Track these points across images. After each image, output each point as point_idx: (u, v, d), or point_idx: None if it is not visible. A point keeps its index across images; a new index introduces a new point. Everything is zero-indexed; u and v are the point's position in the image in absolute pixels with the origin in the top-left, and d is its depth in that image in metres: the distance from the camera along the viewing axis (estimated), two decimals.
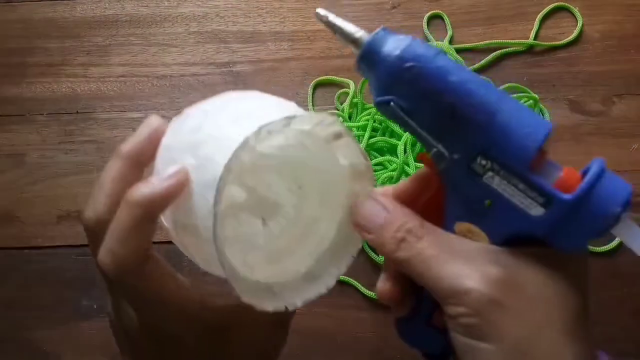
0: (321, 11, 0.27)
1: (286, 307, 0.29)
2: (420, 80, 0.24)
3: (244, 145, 0.24)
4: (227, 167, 0.24)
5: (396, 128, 0.49)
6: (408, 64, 0.24)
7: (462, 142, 0.24)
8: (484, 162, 0.24)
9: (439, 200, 0.27)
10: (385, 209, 0.26)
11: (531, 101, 0.49)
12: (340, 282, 0.46)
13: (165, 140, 0.27)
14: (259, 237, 0.32)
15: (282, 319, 0.31)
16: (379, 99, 0.25)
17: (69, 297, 0.47)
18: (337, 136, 0.28)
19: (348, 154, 0.29)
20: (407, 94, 0.25)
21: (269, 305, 0.28)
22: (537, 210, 0.24)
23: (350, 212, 0.28)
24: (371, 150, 0.48)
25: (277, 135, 0.27)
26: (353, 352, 0.45)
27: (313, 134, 0.28)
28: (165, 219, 0.27)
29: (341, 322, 0.45)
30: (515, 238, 0.25)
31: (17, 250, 0.49)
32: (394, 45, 0.25)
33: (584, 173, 0.24)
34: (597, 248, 0.46)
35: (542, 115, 0.51)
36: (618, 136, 0.50)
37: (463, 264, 0.24)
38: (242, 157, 0.24)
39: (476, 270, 0.23)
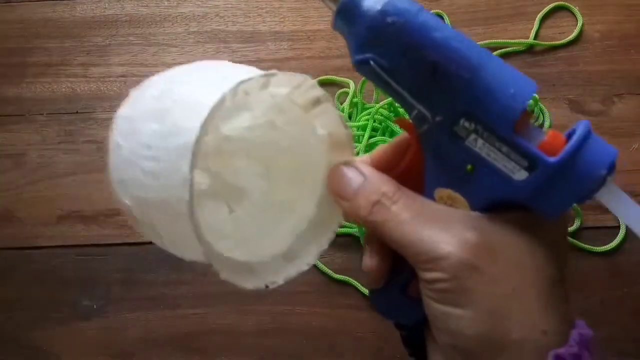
0: None
1: (266, 286, 0.28)
2: (403, 36, 0.23)
3: (221, 103, 0.22)
4: (204, 128, 0.22)
5: (396, 128, 0.49)
6: (390, 19, 0.23)
7: (445, 102, 0.24)
8: (467, 124, 0.23)
9: (419, 167, 0.26)
10: (361, 175, 0.26)
11: (531, 101, 0.49)
12: (340, 282, 0.46)
13: (123, 112, 0.25)
14: (226, 225, 0.30)
15: None
16: (358, 57, 0.24)
17: (69, 297, 0.47)
18: (316, 102, 0.26)
19: (327, 122, 0.27)
20: (388, 51, 0.23)
21: (249, 284, 0.27)
22: (520, 175, 0.23)
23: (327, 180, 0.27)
24: (371, 150, 0.48)
25: (245, 111, 0.25)
26: (353, 352, 0.45)
27: (290, 101, 0.26)
28: (123, 195, 0.25)
29: (341, 322, 0.45)
30: (497, 204, 0.24)
31: (17, 250, 0.49)
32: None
33: (569, 136, 0.23)
34: (598, 248, 0.46)
35: (543, 115, 0.51)
36: (618, 136, 0.50)
37: (440, 229, 0.23)
38: (218, 119, 0.23)
39: (453, 235, 0.23)
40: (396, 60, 0.23)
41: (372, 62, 0.24)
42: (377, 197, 0.25)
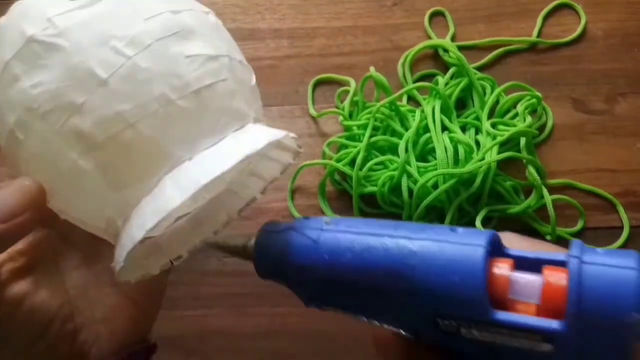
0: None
1: (171, 262, 0.27)
2: (321, 276, 0.21)
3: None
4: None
5: (397, 127, 0.48)
6: (304, 268, 0.22)
7: (410, 315, 0.21)
8: (447, 322, 0.20)
9: None
10: None
11: (534, 100, 0.48)
12: None
13: (13, 75, 0.22)
14: None
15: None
16: (306, 306, 0.23)
17: None
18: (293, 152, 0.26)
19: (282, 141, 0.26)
20: (325, 295, 0.22)
21: (157, 267, 0.26)
22: (545, 347, 0.19)
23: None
24: (372, 149, 0.48)
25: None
26: (353, 353, 0.44)
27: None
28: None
29: (341, 323, 0.45)
30: None
31: None
32: (278, 250, 0.22)
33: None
34: (601, 249, 0.46)
35: (546, 114, 0.50)
36: (622, 135, 0.50)
37: None
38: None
39: None
40: (339, 299, 0.22)
41: (325, 308, 0.23)
42: None
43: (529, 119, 0.46)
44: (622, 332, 0.17)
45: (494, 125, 0.48)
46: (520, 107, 0.48)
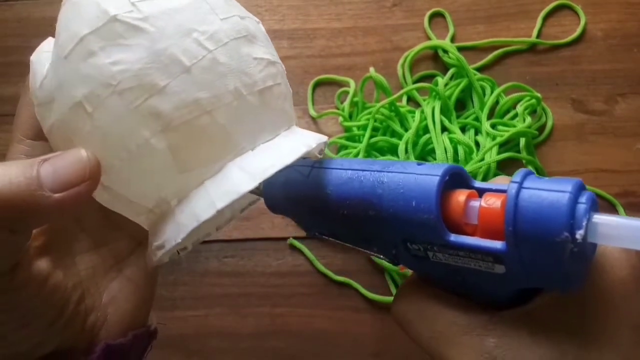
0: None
1: (178, 252, 0.27)
2: (308, 204, 0.24)
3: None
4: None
5: (397, 127, 0.48)
6: (286, 196, 0.25)
7: (383, 238, 0.23)
8: (415, 246, 0.22)
9: None
10: None
11: (534, 100, 0.48)
12: (340, 284, 0.46)
13: (90, 50, 0.22)
14: None
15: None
16: (307, 234, 0.26)
17: None
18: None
19: None
20: (314, 221, 0.25)
21: (165, 257, 0.25)
22: (499, 268, 0.21)
23: None
24: (372, 150, 0.48)
25: None
26: (353, 354, 0.44)
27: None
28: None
29: (341, 323, 0.45)
30: (518, 295, 0.22)
31: None
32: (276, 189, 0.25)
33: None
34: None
35: (545, 115, 0.50)
36: (622, 135, 0.50)
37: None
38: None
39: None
40: (325, 225, 0.25)
41: (317, 234, 0.26)
42: None
43: (528, 119, 0.46)
44: (556, 251, 0.18)
45: (493, 126, 0.48)
46: (519, 108, 0.48)
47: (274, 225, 0.48)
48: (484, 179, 0.44)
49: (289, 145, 0.24)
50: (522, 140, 0.47)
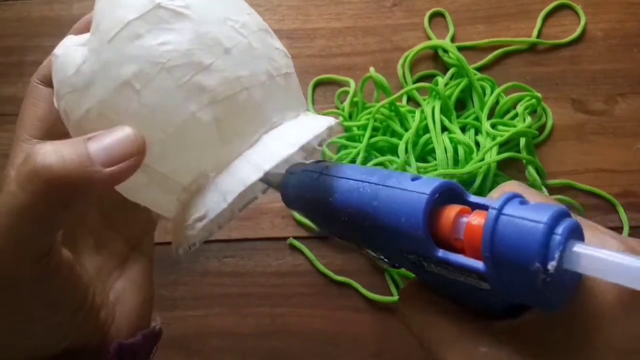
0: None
1: (189, 247, 0.27)
2: (318, 208, 0.26)
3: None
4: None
5: (397, 127, 0.48)
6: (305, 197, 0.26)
7: (382, 247, 0.24)
8: (411, 256, 0.23)
9: None
10: None
11: (534, 100, 0.48)
12: (341, 284, 0.46)
13: (136, 33, 0.24)
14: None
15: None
16: (322, 231, 0.29)
17: None
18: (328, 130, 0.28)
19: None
20: (322, 222, 0.27)
21: (180, 249, 0.26)
22: (484, 285, 0.21)
23: None
24: (372, 150, 0.48)
25: None
26: (353, 354, 0.44)
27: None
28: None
29: (341, 323, 0.45)
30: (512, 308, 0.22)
31: None
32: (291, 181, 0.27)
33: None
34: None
35: (546, 115, 0.50)
36: (622, 135, 0.50)
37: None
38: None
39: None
40: (337, 228, 0.26)
41: (331, 235, 0.28)
42: None
43: (528, 119, 0.46)
44: (530, 279, 0.19)
45: (493, 126, 0.48)
46: (520, 108, 0.48)
47: (274, 225, 0.48)
48: (484, 179, 0.44)
49: (313, 122, 0.27)
50: (522, 140, 0.47)
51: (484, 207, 0.21)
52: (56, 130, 0.27)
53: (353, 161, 0.47)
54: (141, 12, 0.23)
